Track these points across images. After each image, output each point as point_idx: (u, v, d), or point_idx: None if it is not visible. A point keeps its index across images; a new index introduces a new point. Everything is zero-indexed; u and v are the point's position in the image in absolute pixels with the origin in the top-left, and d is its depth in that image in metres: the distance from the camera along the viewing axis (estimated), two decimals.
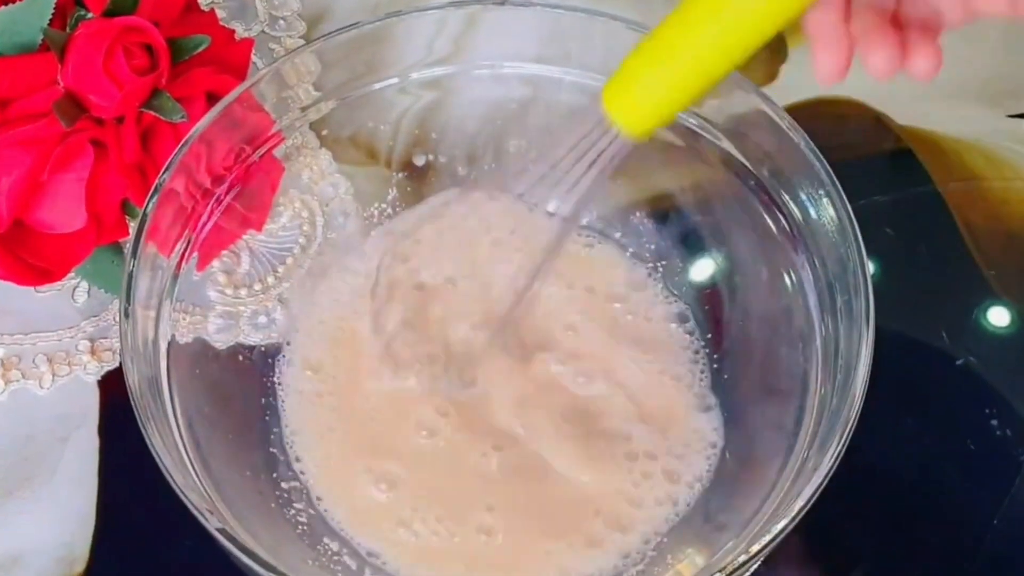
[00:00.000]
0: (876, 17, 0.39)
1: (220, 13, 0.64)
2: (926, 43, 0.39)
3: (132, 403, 0.44)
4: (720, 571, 0.41)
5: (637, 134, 0.42)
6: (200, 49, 0.55)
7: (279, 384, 0.54)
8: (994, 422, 0.58)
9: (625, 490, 0.51)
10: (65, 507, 0.54)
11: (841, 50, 0.39)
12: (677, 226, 0.58)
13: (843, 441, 0.43)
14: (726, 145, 0.54)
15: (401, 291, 0.55)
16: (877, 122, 0.67)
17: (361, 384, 0.55)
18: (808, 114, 0.63)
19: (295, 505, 0.51)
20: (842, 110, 0.66)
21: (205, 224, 0.52)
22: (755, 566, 0.42)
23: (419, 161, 0.59)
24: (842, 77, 0.39)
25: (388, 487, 0.51)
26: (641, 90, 0.41)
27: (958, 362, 0.59)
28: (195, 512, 0.43)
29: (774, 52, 0.67)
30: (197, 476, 0.45)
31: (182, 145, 0.49)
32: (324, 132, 0.57)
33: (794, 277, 0.51)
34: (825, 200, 0.49)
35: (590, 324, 0.56)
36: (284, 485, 0.52)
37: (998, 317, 0.61)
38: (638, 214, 0.58)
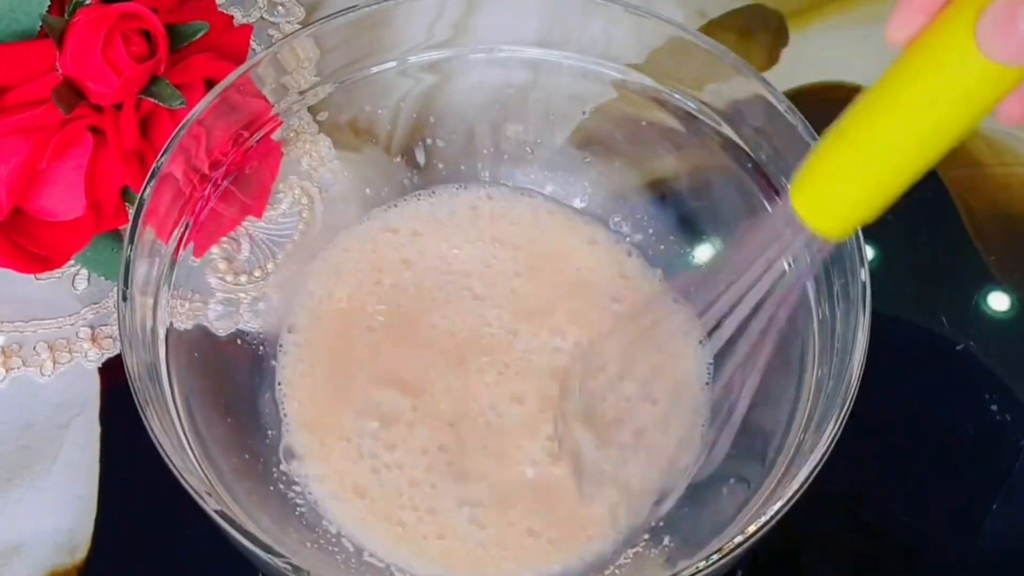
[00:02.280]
0: None
1: None
2: None
3: (131, 387, 0.44)
4: (717, 552, 0.41)
5: (837, 235, 0.39)
6: (199, 36, 0.55)
7: (277, 369, 0.55)
8: (994, 407, 0.58)
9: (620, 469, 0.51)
10: (66, 494, 0.54)
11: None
12: (675, 210, 0.58)
13: (839, 423, 0.43)
14: (725, 130, 0.54)
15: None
16: None
17: (359, 371, 0.55)
18: (808, 99, 0.63)
19: (294, 488, 0.51)
20: (842, 95, 0.66)
21: (203, 209, 0.52)
22: (751, 546, 0.42)
23: (418, 146, 0.59)
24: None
25: (384, 473, 0.52)
26: (838, 193, 0.38)
27: (958, 347, 0.59)
28: (194, 495, 0.43)
29: (775, 36, 0.67)
30: (196, 460, 0.45)
31: (179, 129, 0.49)
32: (323, 117, 0.57)
33: (791, 261, 0.51)
34: None
35: (587, 310, 0.56)
36: (283, 468, 0.52)
37: (998, 303, 0.61)
38: (636, 198, 0.58)
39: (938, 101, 0.34)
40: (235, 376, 0.53)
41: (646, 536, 0.50)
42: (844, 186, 0.38)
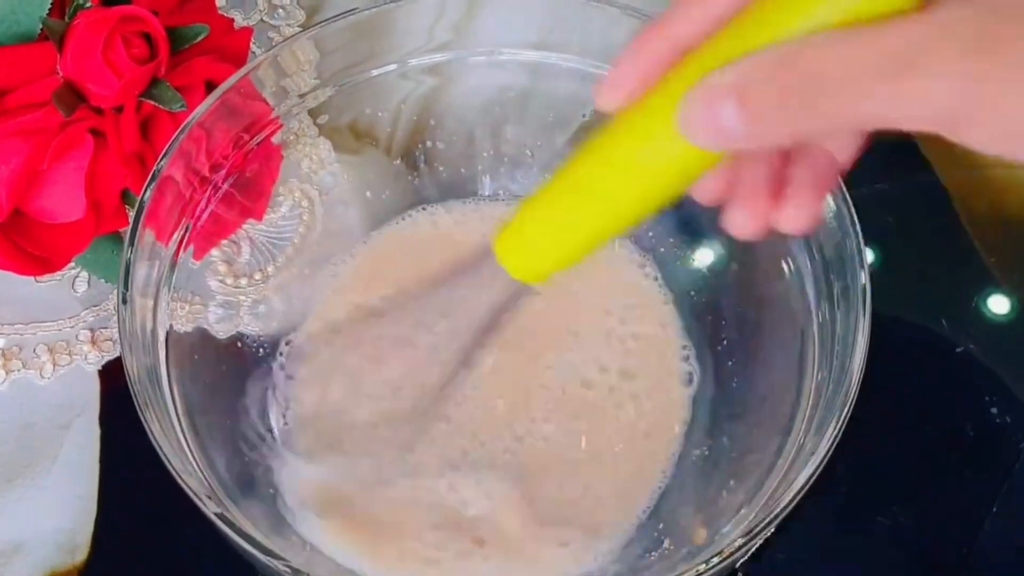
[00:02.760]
0: (754, 175, 0.37)
1: (219, 2, 0.64)
2: (807, 199, 0.37)
3: (130, 389, 0.45)
4: (717, 555, 0.41)
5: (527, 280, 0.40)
6: (199, 38, 0.55)
7: (277, 372, 0.55)
8: (994, 410, 0.58)
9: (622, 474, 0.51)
10: (66, 495, 0.54)
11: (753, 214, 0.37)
12: (675, 212, 0.58)
13: (840, 426, 0.43)
14: None
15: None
16: None
17: (360, 376, 0.55)
18: None
19: (293, 490, 0.51)
20: None
21: (203, 212, 0.52)
22: (752, 550, 0.42)
23: (419, 148, 0.59)
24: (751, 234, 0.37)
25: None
26: (531, 240, 0.39)
27: (958, 350, 0.59)
28: (194, 498, 0.43)
29: None
30: (195, 462, 0.45)
31: (180, 132, 0.49)
32: (323, 119, 0.57)
33: (792, 264, 0.51)
34: None
35: (586, 312, 0.56)
36: (282, 471, 0.52)
37: (998, 305, 0.61)
38: None
39: (635, 173, 0.35)
40: (235, 379, 0.53)
41: (645, 540, 0.50)
42: (540, 235, 0.38)
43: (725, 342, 0.55)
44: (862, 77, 0.30)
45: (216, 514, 0.42)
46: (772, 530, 0.42)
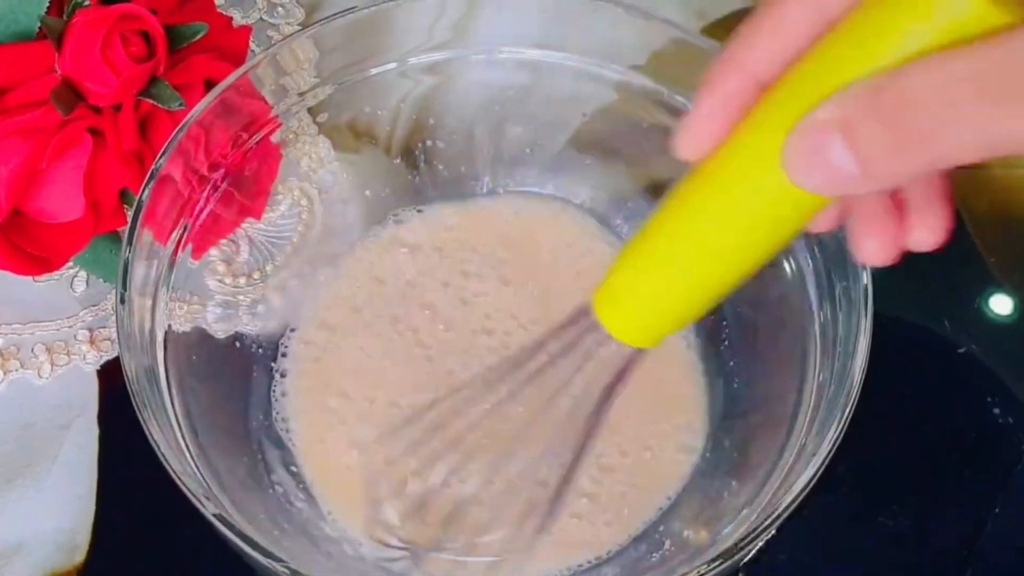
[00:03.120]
0: (873, 202, 0.35)
1: (218, 0, 0.64)
2: (935, 216, 0.35)
3: (129, 390, 0.44)
4: (719, 556, 0.41)
5: (643, 345, 0.38)
6: (198, 37, 0.54)
7: (276, 372, 0.54)
8: (996, 410, 0.58)
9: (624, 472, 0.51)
10: (65, 495, 0.54)
11: (884, 240, 0.35)
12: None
13: (842, 427, 0.43)
14: None
15: None
16: None
17: (359, 376, 0.54)
18: None
19: (292, 491, 0.51)
20: None
21: (202, 211, 0.52)
22: (753, 550, 0.42)
23: (418, 147, 0.59)
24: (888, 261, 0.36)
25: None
26: (636, 304, 0.36)
27: (960, 350, 0.59)
28: (192, 499, 0.43)
29: None
30: (194, 463, 0.45)
31: (178, 130, 0.49)
32: (323, 118, 0.57)
33: (793, 264, 0.51)
34: None
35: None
36: (281, 471, 0.52)
37: (1000, 305, 0.61)
38: (638, 200, 0.58)
39: (742, 222, 0.33)
40: (234, 379, 0.53)
41: (646, 541, 0.50)
42: (645, 300, 0.36)
43: (726, 342, 0.55)
44: (975, 101, 0.27)
45: (214, 515, 0.42)
46: (774, 531, 0.42)
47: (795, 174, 0.30)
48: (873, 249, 0.35)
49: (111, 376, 0.57)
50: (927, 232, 0.34)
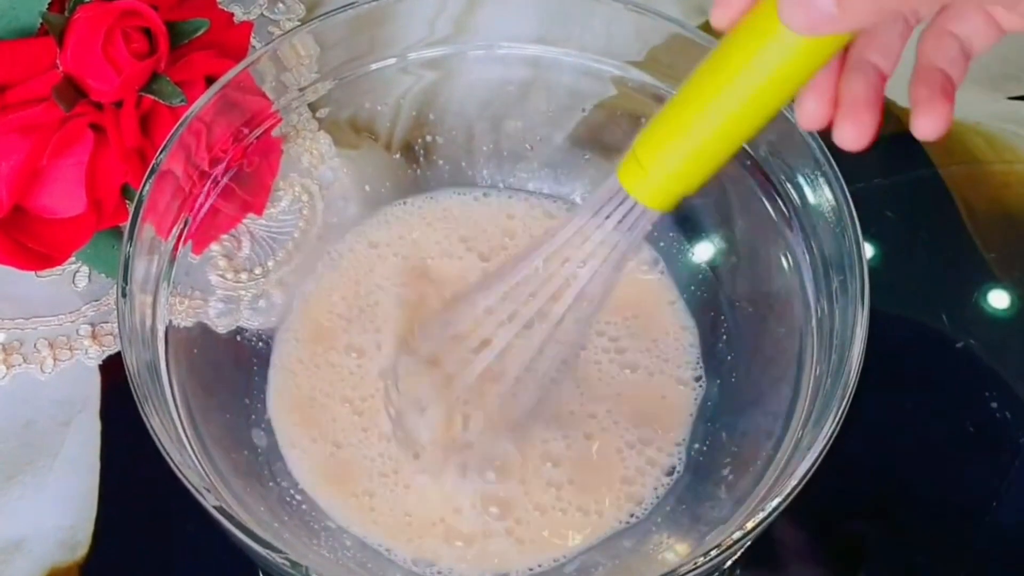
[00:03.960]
0: (865, 87, 0.38)
1: None
2: (940, 100, 0.37)
3: (130, 384, 0.45)
4: (715, 548, 0.41)
5: (659, 208, 0.42)
6: (199, 33, 0.55)
7: (276, 367, 0.55)
8: (994, 404, 0.58)
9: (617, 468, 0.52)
10: (67, 491, 0.54)
11: (824, 103, 0.38)
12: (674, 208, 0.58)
13: (838, 420, 0.43)
14: None
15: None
16: None
17: (359, 370, 0.55)
18: None
19: (292, 484, 0.51)
20: None
21: (203, 206, 0.52)
22: (749, 543, 0.42)
23: (418, 143, 0.59)
24: (819, 126, 0.39)
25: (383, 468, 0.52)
26: (657, 166, 0.41)
27: (958, 345, 0.59)
28: (193, 491, 0.43)
29: None
30: (195, 456, 0.45)
31: (179, 126, 0.49)
32: (323, 114, 0.57)
33: (790, 258, 0.51)
34: (822, 181, 0.49)
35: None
36: (281, 464, 0.52)
37: (998, 300, 0.61)
38: None
39: (751, 76, 0.37)
40: (235, 373, 0.54)
41: (643, 532, 0.50)
42: (666, 159, 0.40)
43: (724, 336, 0.55)
44: None
45: (215, 507, 0.42)
46: (770, 524, 0.43)
47: (787, 16, 0.35)
48: (851, 134, 0.38)
49: (113, 371, 0.57)
50: (854, 127, 0.38)
